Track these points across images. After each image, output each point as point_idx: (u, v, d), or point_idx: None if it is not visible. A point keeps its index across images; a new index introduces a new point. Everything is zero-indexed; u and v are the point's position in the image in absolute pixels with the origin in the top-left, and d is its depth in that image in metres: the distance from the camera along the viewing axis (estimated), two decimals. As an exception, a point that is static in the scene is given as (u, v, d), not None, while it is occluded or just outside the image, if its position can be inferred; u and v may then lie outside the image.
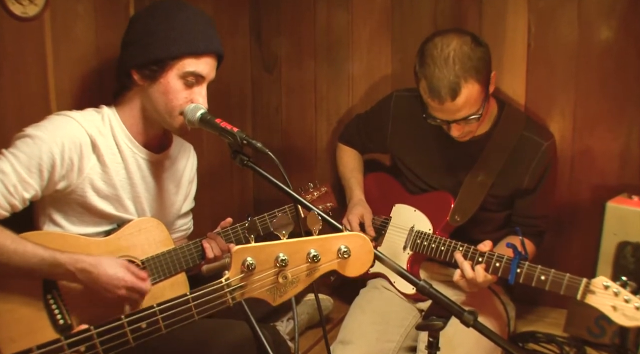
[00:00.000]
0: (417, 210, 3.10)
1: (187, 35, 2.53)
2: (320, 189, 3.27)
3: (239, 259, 1.70)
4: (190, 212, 3.05)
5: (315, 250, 1.75)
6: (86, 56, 2.97)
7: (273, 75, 4.10)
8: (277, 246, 1.73)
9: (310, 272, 1.78)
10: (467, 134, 2.87)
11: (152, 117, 2.62)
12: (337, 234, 1.81)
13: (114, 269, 2.39)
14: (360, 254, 1.80)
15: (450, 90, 2.65)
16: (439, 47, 2.70)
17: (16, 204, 2.36)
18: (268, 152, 2.20)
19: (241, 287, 1.72)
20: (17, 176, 2.34)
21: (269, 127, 4.14)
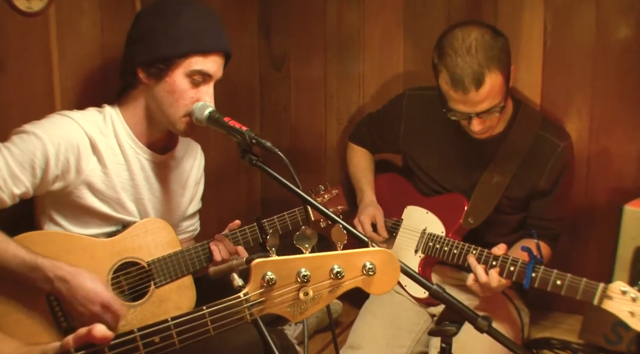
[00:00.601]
0: (430, 212, 3.10)
1: (195, 33, 2.53)
2: (331, 191, 3.25)
3: (259, 273, 1.65)
4: (196, 213, 3.05)
5: (339, 266, 1.71)
6: (91, 53, 2.99)
7: (282, 73, 4.11)
8: (299, 260, 1.68)
9: (333, 289, 1.73)
10: (487, 130, 2.86)
11: (157, 118, 2.62)
12: (362, 249, 1.77)
13: (93, 283, 2.35)
14: (385, 271, 1.77)
15: (474, 79, 2.64)
16: (459, 37, 2.70)
17: (5, 199, 2.35)
18: (278, 152, 2.20)
19: (260, 302, 1.67)
20: (9, 170, 2.34)
21: (277, 126, 4.15)
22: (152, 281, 2.62)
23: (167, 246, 2.68)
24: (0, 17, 2.61)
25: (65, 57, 2.85)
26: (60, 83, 2.85)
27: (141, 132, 2.66)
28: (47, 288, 2.34)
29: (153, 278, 2.62)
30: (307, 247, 1.70)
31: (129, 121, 2.64)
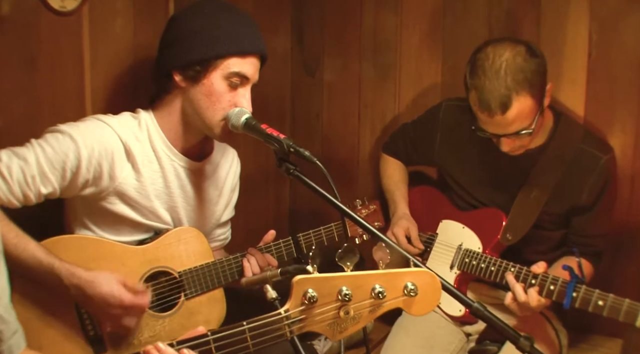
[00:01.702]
0: (466, 227, 3.13)
1: (232, 35, 2.58)
2: (369, 206, 3.29)
3: (300, 290, 1.70)
4: (229, 221, 3.10)
5: (381, 286, 1.75)
6: (123, 54, 3.05)
7: (314, 78, 4.14)
8: (340, 278, 1.72)
9: (374, 309, 1.77)
10: (519, 149, 2.89)
11: (193, 123, 2.67)
12: (404, 269, 1.80)
13: (109, 286, 2.39)
14: (427, 293, 1.81)
15: (500, 103, 2.67)
16: (490, 57, 2.72)
17: (30, 196, 2.40)
18: (317, 162, 2.25)
19: (300, 320, 1.72)
20: (39, 168, 2.39)
21: (308, 134, 4.18)
22: (183, 292, 2.67)
23: (200, 256, 2.73)
24: (34, 15, 2.68)
25: (97, 58, 2.92)
26: (91, 83, 2.91)
27: (176, 139, 2.71)
28: (64, 293, 2.39)
29: (184, 289, 2.67)
30: (349, 266, 1.75)
31: (164, 126, 2.69)
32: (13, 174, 2.35)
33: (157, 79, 2.74)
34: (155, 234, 2.71)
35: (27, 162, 2.38)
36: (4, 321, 1.81)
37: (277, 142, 2.36)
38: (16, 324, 1.87)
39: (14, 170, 2.35)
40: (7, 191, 2.35)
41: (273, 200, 4.19)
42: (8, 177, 2.35)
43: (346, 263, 1.75)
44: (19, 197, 2.39)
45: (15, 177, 2.36)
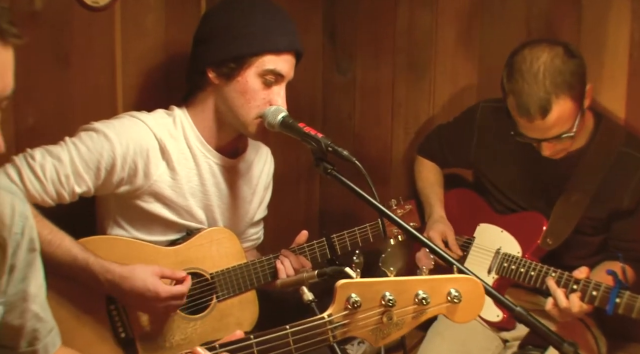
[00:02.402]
0: (505, 231, 3.12)
1: (268, 31, 2.59)
2: (404, 206, 3.27)
3: (344, 295, 1.69)
4: (262, 221, 3.10)
5: (425, 292, 1.74)
6: (155, 51, 3.08)
7: (347, 77, 4.13)
8: (384, 283, 1.72)
9: (417, 315, 1.77)
10: (560, 152, 2.88)
11: (227, 120, 2.68)
12: (448, 275, 1.81)
13: (144, 281, 2.42)
14: (471, 300, 1.80)
15: (540, 108, 2.67)
16: (527, 60, 2.72)
17: (64, 195, 2.43)
18: (356, 162, 2.25)
19: (343, 325, 1.71)
20: (73, 167, 2.42)
21: (340, 134, 4.15)
22: (215, 294, 2.68)
23: (232, 257, 2.74)
24: (67, 10, 2.72)
25: (128, 54, 2.95)
26: (123, 80, 2.94)
27: (210, 136, 2.72)
28: (99, 290, 2.43)
29: (216, 291, 2.68)
30: (393, 271, 1.77)
31: (198, 124, 2.70)
32: (47, 173, 2.37)
33: (190, 76, 2.75)
34: (187, 234, 2.72)
35: (61, 161, 2.40)
36: (40, 319, 1.84)
37: (315, 141, 2.37)
38: (52, 322, 1.90)
39: (47, 169, 2.38)
40: (41, 190, 2.38)
41: (303, 201, 4.20)
42: (42, 176, 2.37)
43: (389, 268, 1.77)
44: (52, 196, 2.41)
45: (49, 177, 2.38)
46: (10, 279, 1.71)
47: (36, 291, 1.81)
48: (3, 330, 1.75)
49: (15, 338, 1.81)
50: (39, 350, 1.85)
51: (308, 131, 2.42)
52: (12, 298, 1.74)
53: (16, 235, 1.70)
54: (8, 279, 1.70)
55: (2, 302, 1.71)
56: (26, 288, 1.77)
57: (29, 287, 1.77)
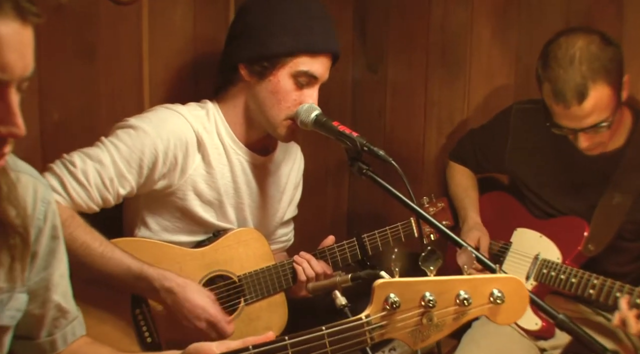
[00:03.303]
0: (544, 236, 3.10)
1: (304, 31, 2.57)
2: (436, 204, 3.26)
3: (382, 295, 1.67)
4: (291, 221, 3.10)
5: (466, 292, 1.71)
6: (182, 46, 3.07)
7: (377, 75, 4.12)
8: (424, 283, 1.70)
9: (458, 316, 1.74)
10: (597, 146, 2.86)
11: (256, 119, 2.68)
12: (490, 275, 1.79)
13: (202, 298, 2.44)
14: (514, 301, 1.77)
15: (576, 93, 2.65)
16: (563, 47, 2.71)
17: (109, 199, 2.43)
18: (392, 162, 2.25)
19: (382, 326, 1.69)
20: (116, 168, 2.41)
21: (370, 132, 4.13)
22: (242, 297, 2.67)
23: (260, 259, 2.73)
24: (93, 4, 2.71)
25: (155, 49, 2.94)
26: (150, 75, 2.94)
27: (241, 132, 2.72)
28: (153, 298, 2.44)
29: (243, 294, 2.67)
30: (432, 270, 1.71)
31: (229, 119, 2.69)
32: (90, 178, 2.37)
33: (223, 70, 2.74)
34: (213, 236, 2.71)
35: (102, 164, 2.40)
36: (62, 309, 1.86)
37: (350, 140, 2.35)
38: (75, 311, 1.93)
39: (90, 174, 2.37)
40: (86, 198, 2.38)
41: (331, 202, 4.19)
42: (86, 183, 2.37)
43: (429, 267, 1.71)
44: (98, 202, 2.42)
45: (93, 182, 2.38)
46: (33, 267, 1.73)
47: (59, 279, 1.83)
48: (24, 320, 1.76)
49: (35, 328, 1.84)
50: (57, 340, 1.88)
51: (343, 129, 2.41)
52: (34, 287, 1.76)
53: (38, 221, 1.72)
54: (30, 267, 1.72)
55: (25, 290, 1.72)
56: (49, 276, 1.79)
57: (52, 275, 1.79)
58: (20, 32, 1.33)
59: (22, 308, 1.72)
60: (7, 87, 1.34)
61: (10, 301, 1.67)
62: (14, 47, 1.32)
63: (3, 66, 1.31)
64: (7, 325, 1.70)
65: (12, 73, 1.32)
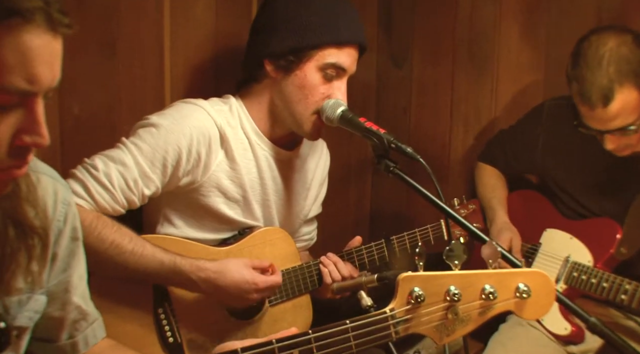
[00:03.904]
0: (574, 238, 3.08)
1: (329, 22, 2.56)
2: (467, 206, 3.24)
3: (406, 289, 1.67)
4: (315, 219, 3.09)
5: (492, 286, 1.72)
6: (204, 40, 3.07)
7: (402, 71, 4.11)
8: (448, 277, 1.70)
9: (483, 310, 1.74)
10: (625, 148, 2.84)
11: (281, 116, 2.67)
12: (516, 269, 1.80)
13: (240, 272, 2.44)
14: (540, 295, 1.77)
15: (601, 95, 2.64)
16: (593, 46, 2.70)
17: (134, 200, 2.42)
18: (420, 160, 2.24)
19: (406, 320, 1.69)
20: (140, 169, 2.40)
21: (395, 129, 3.92)
22: (267, 299, 2.66)
23: (286, 259, 2.72)
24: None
25: (177, 43, 2.94)
26: (171, 70, 2.94)
27: (265, 128, 2.71)
28: (193, 290, 2.45)
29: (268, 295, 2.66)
30: (457, 264, 1.73)
31: (254, 115, 2.69)
32: (114, 181, 2.37)
33: (247, 66, 2.74)
34: (239, 234, 2.71)
35: (125, 165, 2.39)
36: (82, 311, 1.88)
37: (377, 137, 2.35)
38: (95, 313, 1.93)
39: (114, 177, 2.37)
40: (111, 201, 2.38)
41: (354, 202, 4.18)
42: (110, 186, 2.36)
43: (454, 262, 1.73)
44: (123, 204, 2.42)
45: (117, 185, 2.38)
46: (52, 268, 1.74)
47: (78, 281, 1.84)
48: (43, 322, 1.78)
49: (56, 330, 1.85)
50: (78, 342, 1.89)
51: (369, 126, 2.40)
52: (53, 289, 1.77)
53: (58, 222, 1.73)
54: (50, 269, 1.73)
55: (44, 292, 1.73)
56: (68, 278, 1.80)
57: (71, 277, 1.81)
58: (51, 44, 1.35)
59: (40, 310, 1.73)
60: (35, 98, 1.36)
61: (29, 302, 1.68)
62: (44, 59, 1.33)
63: (32, 78, 1.32)
64: (25, 326, 1.71)
65: (40, 85, 1.34)
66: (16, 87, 1.31)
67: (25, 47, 1.30)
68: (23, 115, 1.36)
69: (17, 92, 1.32)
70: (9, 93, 1.31)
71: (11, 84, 1.30)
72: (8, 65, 1.29)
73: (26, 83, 1.31)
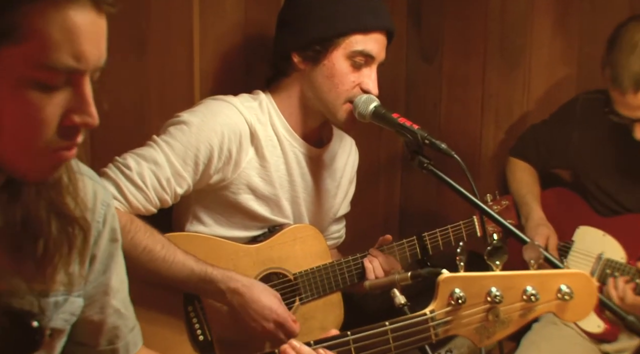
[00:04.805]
0: (607, 234, 3.10)
1: (354, 9, 2.58)
2: (500, 202, 3.22)
3: (447, 290, 1.69)
4: (343, 217, 3.10)
5: (533, 288, 1.73)
6: (233, 34, 3.09)
7: (433, 66, 4.11)
8: (490, 278, 1.72)
9: (525, 312, 1.76)
10: None
11: (314, 107, 2.68)
12: (558, 270, 1.81)
13: (268, 298, 2.47)
14: (582, 297, 1.78)
15: (633, 81, 2.67)
16: (630, 32, 2.73)
17: (167, 199, 2.45)
18: (455, 156, 2.27)
19: (446, 322, 1.71)
20: (172, 168, 2.43)
21: (424, 125, 3.87)
22: (298, 296, 2.68)
23: (317, 257, 2.74)
24: (145, -7, 2.73)
25: (206, 38, 2.96)
26: (200, 65, 2.96)
27: (296, 124, 2.72)
28: (218, 300, 2.47)
29: (299, 293, 2.68)
30: (498, 265, 1.74)
31: (284, 110, 2.70)
32: (147, 181, 2.40)
33: (275, 61, 2.76)
34: (269, 231, 2.73)
35: (157, 164, 2.42)
36: (122, 315, 1.87)
37: (411, 133, 2.37)
38: (134, 320, 1.93)
39: (146, 176, 2.40)
40: (144, 200, 2.41)
41: (383, 199, 4.19)
42: (142, 185, 2.39)
43: (495, 262, 1.74)
44: (156, 203, 2.45)
45: (150, 184, 2.40)
46: (91, 270, 1.74)
47: (118, 285, 1.83)
48: (82, 326, 1.78)
49: (94, 334, 1.84)
50: (119, 349, 1.88)
51: (403, 122, 2.42)
52: (92, 291, 1.77)
53: (97, 224, 1.72)
54: (88, 271, 1.73)
55: (81, 294, 1.73)
56: (107, 281, 1.80)
57: (110, 280, 1.80)
58: (96, 22, 1.36)
59: (76, 313, 1.73)
60: (82, 76, 1.36)
61: (65, 304, 1.68)
62: (90, 36, 1.34)
63: (79, 56, 1.32)
64: (61, 328, 1.71)
65: (87, 63, 1.34)
66: (64, 65, 1.31)
67: (71, 23, 1.30)
68: (71, 94, 1.36)
69: (65, 70, 1.32)
70: (56, 71, 1.31)
71: (58, 61, 1.30)
72: (55, 42, 1.29)
73: (73, 60, 1.32)
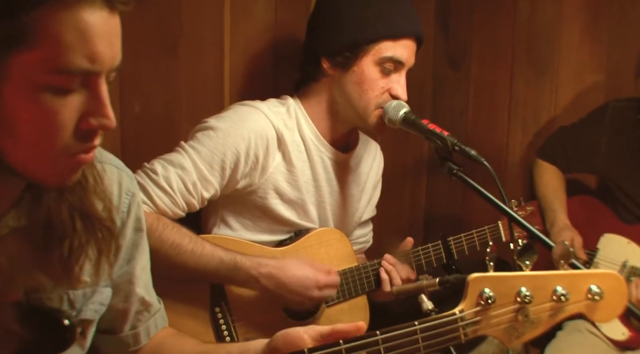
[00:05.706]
0: (632, 242, 3.12)
1: (384, 15, 2.61)
2: (525, 208, 3.25)
3: (476, 290, 1.70)
4: (370, 222, 3.13)
5: (563, 288, 1.73)
6: (264, 37, 3.15)
7: (460, 72, 4.14)
8: (519, 278, 1.72)
9: (554, 313, 1.75)
10: None
11: (344, 113, 2.72)
12: (588, 270, 1.82)
13: (302, 270, 2.52)
14: (612, 297, 1.78)
15: None
16: None
17: (194, 203, 2.51)
18: (484, 163, 2.31)
19: (475, 322, 1.71)
20: (198, 172, 2.49)
21: (452, 131, 3.85)
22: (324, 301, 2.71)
23: (342, 260, 2.77)
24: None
25: (237, 41, 3.02)
26: (231, 68, 3.02)
27: (325, 129, 2.76)
28: (253, 287, 2.52)
29: None
30: (528, 265, 1.76)
31: (312, 115, 2.74)
32: (173, 185, 2.46)
33: (304, 65, 2.80)
34: (295, 235, 2.77)
35: (184, 169, 2.48)
36: (145, 302, 1.92)
37: (440, 139, 2.40)
38: (157, 304, 1.98)
39: (173, 181, 2.46)
40: (171, 204, 2.47)
41: (408, 205, 4.22)
42: (169, 189, 2.45)
43: (525, 262, 1.76)
44: (183, 207, 2.50)
45: (177, 188, 2.46)
46: (116, 260, 1.77)
47: (141, 272, 1.88)
48: (107, 314, 1.81)
49: (119, 322, 1.90)
50: (140, 333, 1.93)
51: (433, 128, 2.45)
52: (117, 280, 1.81)
53: (122, 213, 1.77)
54: (114, 261, 1.76)
55: (109, 284, 1.78)
56: (132, 270, 1.84)
57: (134, 269, 1.85)
58: (109, 21, 1.36)
59: (106, 302, 1.78)
60: (98, 78, 1.37)
61: (94, 295, 1.72)
62: (104, 37, 1.34)
63: (93, 56, 1.33)
64: (91, 319, 1.75)
65: (102, 63, 1.35)
66: (78, 67, 1.31)
67: (84, 24, 1.31)
68: (87, 97, 1.36)
69: (80, 72, 1.33)
70: (71, 74, 1.32)
71: (73, 63, 1.31)
72: (68, 44, 1.30)
73: (88, 62, 1.32)
